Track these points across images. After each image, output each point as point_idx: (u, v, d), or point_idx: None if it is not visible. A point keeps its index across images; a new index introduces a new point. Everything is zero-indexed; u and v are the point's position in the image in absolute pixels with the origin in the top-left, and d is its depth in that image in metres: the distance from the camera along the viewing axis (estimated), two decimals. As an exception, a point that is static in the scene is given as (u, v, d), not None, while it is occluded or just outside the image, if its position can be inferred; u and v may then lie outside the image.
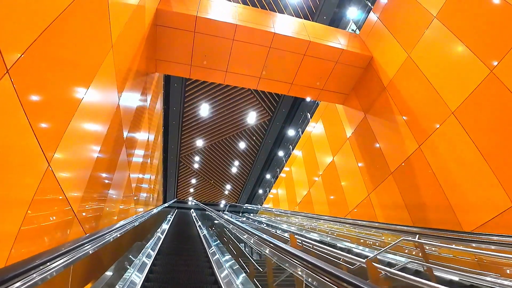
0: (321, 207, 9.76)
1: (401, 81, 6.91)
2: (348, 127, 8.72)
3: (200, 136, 17.91)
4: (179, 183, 23.67)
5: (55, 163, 2.43)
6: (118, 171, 5.00)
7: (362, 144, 8.02)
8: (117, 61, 3.97)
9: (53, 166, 2.41)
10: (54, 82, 2.38)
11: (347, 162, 8.67)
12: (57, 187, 2.53)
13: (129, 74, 4.94)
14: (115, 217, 4.93)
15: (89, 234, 2.48)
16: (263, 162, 20.25)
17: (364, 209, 7.49)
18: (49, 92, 2.33)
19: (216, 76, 7.85)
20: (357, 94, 8.54)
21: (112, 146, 4.27)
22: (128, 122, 5.30)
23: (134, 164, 6.79)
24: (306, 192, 11.05)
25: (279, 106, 15.25)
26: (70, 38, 2.53)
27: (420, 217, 5.89)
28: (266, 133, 17.50)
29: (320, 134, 10.73)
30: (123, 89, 4.53)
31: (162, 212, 12.06)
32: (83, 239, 2.07)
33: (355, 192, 8.00)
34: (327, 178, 9.64)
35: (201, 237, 7.98)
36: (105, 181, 4.17)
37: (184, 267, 4.33)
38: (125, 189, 5.74)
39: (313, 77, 8.25)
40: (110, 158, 4.24)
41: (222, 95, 14.79)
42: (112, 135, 4.13)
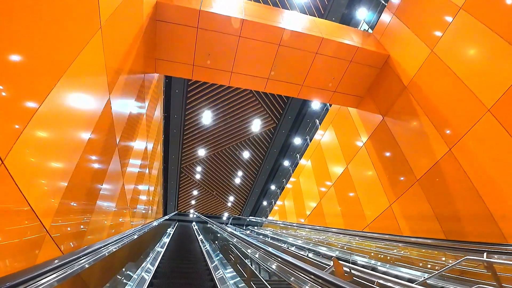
0: (334, 219, 9.06)
1: (424, 79, 6.33)
2: (364, 132, 8.10)
3: (202, 145, 17.32)
4: (180, 195, 22.96)
5: (11, 164, 1.82)
6: (109, 181, 4.39)
7: (381, 150, 7.38)
8: (108, 50, 3.40)
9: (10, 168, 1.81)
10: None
11: (363, 170, 8.02)
12: (17, 195, 1.92)
13: (123, 71, 4.38)
14: (105, 232, 4.29)
15: (60, 257, 1.86)
16: (268, 173, 19.58)
17: (386, 221, 6.79)
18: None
19: (220, 77, 7.30)
20: (373, 96, 7.96)
21: (99, 154, 3.67)
22: (122, 129, 4.73)
23: (130, 174, 6.19)
24: (317, 203, 10.35)
25: (285, 113, 14.70)
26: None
27: (454, 228, 5.20)
28: (271, 141, 16.90)
29: (331, 141, 10.11)
30: (115, 90, 3.96)
31: (161, 226, 11.36)
32: (41, 268, 1.44)
33: (374, 202, 7.32)
34: (340, 189, 8.97)
35: (203, 252, 7.29)
36: (92, 191, 3.55)
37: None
38: (119, 201, 5.11)
39: (325, 78, 7.69)
40: (97, 166, 3.64)
41: (226, 101, 14.27)
42: (99, 141, 3.54)
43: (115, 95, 3.96)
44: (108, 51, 3.40)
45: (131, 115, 5.58)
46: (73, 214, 2.95)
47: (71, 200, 2.79)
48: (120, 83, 4.19)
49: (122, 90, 4.45)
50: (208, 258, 6.07)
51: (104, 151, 3.90)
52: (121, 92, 4.39)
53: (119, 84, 4.16)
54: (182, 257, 7.38)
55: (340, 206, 8.76)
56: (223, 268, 5.74)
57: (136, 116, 6.07)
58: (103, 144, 3.84)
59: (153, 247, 7.33)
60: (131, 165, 6.25)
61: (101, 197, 3.80)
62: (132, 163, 6.37)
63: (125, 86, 4.65)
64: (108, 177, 4.16)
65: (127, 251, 4.70)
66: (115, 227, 5.03)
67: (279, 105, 14.40)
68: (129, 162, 5.90)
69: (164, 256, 6.88)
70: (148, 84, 6.90)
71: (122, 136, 4.69)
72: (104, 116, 3.69)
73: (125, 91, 4.76)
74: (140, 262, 5.37)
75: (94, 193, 3.62)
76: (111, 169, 4.37)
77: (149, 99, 7.35)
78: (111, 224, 4.69)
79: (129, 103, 5.16)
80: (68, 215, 2.78)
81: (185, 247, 9.50)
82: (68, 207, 2.76)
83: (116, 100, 4.16)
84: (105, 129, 3.76)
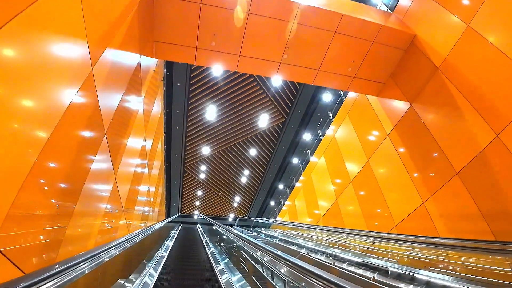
0: (353, 220, 8.34)
1: (460, 58, 5.61)
2: (387, 122, 7.37)
3: (206, 143, 16.65)
4: (183, 196, 22.33)
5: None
6: (95, 180, 3.74)
7: (409, 141, 6.66)
8: (88, 7, 2.73)
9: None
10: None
11: (388, 165, 7.29)
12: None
13: (111, 43, 3.70)
14: (92, 240, 3.63)
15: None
16: (275, 171, 18.87)
17: (418, 221, 6.07)
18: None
19: (227, 61, 6.60)
20: (398, 82, 7.24)
21: (77, 148, 3.01)
22: (113, 124, 4.08)
23: (125, 174, 5.54)
24: (333, 203, 9.64)
25: (294, 106, 13.97)
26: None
27: (507, 228, 4.48)
28: (279, 138, 16.19)
29: (348, 135, 9.39)
30: (100, 66, 3.29)
31: (164, 228, 10.73)
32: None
33: (403, 200, 6.60)
34: (360, 186, 8.24)
35: (212, 264, 6.63)
36: (68, 191, 2.88)
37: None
38: (110, 202, 4.45)
39: (344, 62, 6.97)
40: (73, 163, 2.96)
41: (231, 95, 13.58)
42: (75, 131, 2.88)
43: (100, 74, 3.29)
44: (88, 7, 2.73)
45: (123, 105, 4.92)
46: (35, 220, 2.27)
47: (28, 203, 2.11)
48: (107, 59, 3.52)
49: (110, 70, 3.79)
50: (219, 274, 5.39)
51: (85, 145, 3.24)
52: (109, 72, 3.72)
53: (106, 60, 3.49)
54: (186, 262, 6.73)
55: (360, 205, 8.03)
56: (231, 274, 5.06)
57: (130, 107, 5.41)
58: (85, 140, 3.18)
59: (155, 252, 6.68)
60: (127, 164, 5.61)
61: (83, 198, 3.12)
62: (128, 162, 5.73)
63: (114, 67, 3.98)
64: (93, 176, 3.49)
65: (120, 261, 4.04)
66: (105, 233, 4.37)
67: (288, 98, 13.68)
68: (126, 161, 5.26)
69: (167, 262, 6.22)
70: (145, 75, 6.23)
71: (111, 128, 4.02)
72: (89, 106, 3.03)
73: (114, 73, 4.10)
74: (140, 270, 4.71)
75: (71, 194, 2.95)
76: (98, 168, 3.72)
77: (146, 90, 6.66)
78: (101, 229, 4.02)
79: (120, 87, 4.49)
80: (25, 222, 2.09)
81: (189, 251, 8.86)
82: (25, 211, 2.08)
83: (104, 93, 3.49)
84: (85, 116, 3.09)
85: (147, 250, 6.08)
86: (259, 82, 12.98)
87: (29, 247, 2.12)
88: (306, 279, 2.63)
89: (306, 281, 2.63)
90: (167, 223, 12.96)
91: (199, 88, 13.00)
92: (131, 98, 5.25)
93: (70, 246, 2.82)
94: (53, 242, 2.53)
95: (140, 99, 6.07)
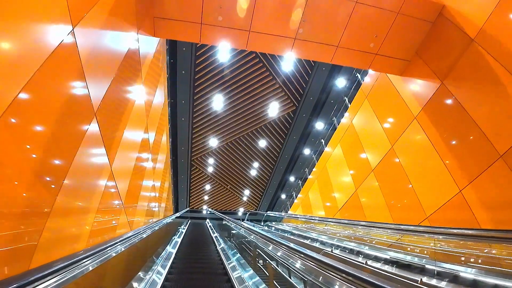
0: (376, 212, 7.79)
1: (500, 26, 4.98)
2: (414, 103, 6.77)
3: (214, 135, 16.17)
4: (191, 190, 21.99)
5: None
6: (84, 171, 3.27)
7: (441, 122, 6.05)
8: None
9: None
10: None
11: (416, 150, 6.71)
12: None
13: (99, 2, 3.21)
14: (82, 242, 3.16)
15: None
16: (286, 163, 18.34)
17: (454, 211, 5.50)
18: None
19: (235, 38, 6.04)
20: (425, 58, 6.61)
21: (58, 131, 2.53)
22: (108, 115, 3.61)
23: (124, 168, 5.08)
24: (351, 194, 9.09)
25: (306, 93, 13.37)
26: None
27: None
28: (290, 127, 15.62)
29: (368, 120, 8.79)
30: (85, 25, 2.80)
31: (171, 224, 10.33)
32: None
33: (435, 189, 6.02)
34: (383, 175, 7.67)
35: (224, 265, 6.18)
36: (43, 183, 2.41)
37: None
38: (106, 198, 3.98)
39: (366, 36, 6.36)
40: (55, 148, 2.49)
41: (239, 82, 13.02)
42: (55, 125, 2.40)
43: (92, 79, 2.79)
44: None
45: (121, 97, 4.45)
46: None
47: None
48: (93, 18, 3.01)
49: (97, 45, 3.29)
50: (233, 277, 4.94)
51: (69, 128, 2.76)
52: (94, 48, 3.22)
53: (92, 18, 2.99)
54: (195, 263, 6.31)
55: (384, 196, 7.47)
56: (243, 271, 4.60)
57: (125, 94, 4.93)
58: (69, 131, 2.70)
59: (161, 251, 6.26)
60: (125, 157, 5.15)
61: (63, 195, 2.62)
62: (126, 155, 5.27)
63: (102, 43, 3.48)
64: (80, 166, 3.01)
65: (125, 257, 3.60)
66: (101, 233, 3.91)
67: (299, 84, 13.07)
68: (122, 153, 4.79)
69: (176, 260, 5.80)
70: (144, 59, 5.73)
71: (102, 113, 3.53)
72: (62, 62, 2.53)
73: (103, 51, 3.60)
74: (145, 270, 4.28)
75: (49, 185, 2.47)
76: (87, 158, 3.25)
77: (146, 77, 6.12)
78: (94, 229, 3.55)
79: (112, 67, 4.00)
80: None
81: (199, 251, 8.46)
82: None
83: (94, 81, 3.00)
84: (61, 112, 2.60)
85: (152, 249, 5.65)
86: (268, 67, 12.39)
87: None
88: (339, 281, 2.15)
89: (338, 283, 2.16)
90: (175, 218, 12.59)
91: (205, 76, 12.47)
92: (126, 83, 4.77)
93: (47, 252, 2.34)
94: (23, 248, 2.05)
95: (138, 86, 5.56)
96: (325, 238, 7.98)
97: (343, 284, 2.07)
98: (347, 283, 2.00)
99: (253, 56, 11.85)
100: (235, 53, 11.65)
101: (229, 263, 6.09)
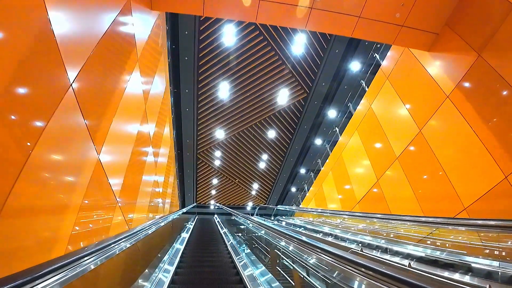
0: (403, 204, 7.19)
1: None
2: (446, 80, 6.11)
3: (220, 126, 15.62)
4: (198, 185, 21.57)
5: None
6: (54, 160, 2.75)
7: (480, 100, 5.40)
8: None
9: None
10: None
11: (449, 132, 6.07)
12: None
13: None
14: (56, 250, 2.63)
15: None
16: (297, 154, 17.75)
17: (498, 201, 4.88)
18: None
19: (243, 8, 5.42)
20: (457, 30, 5.94)
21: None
22: (96, 104, 3.08)
23: (117, 162, 4.56)
24: (372, 185, 8.49)
25: (318, 79, 12.71)
26: None
27: None
28: (301, 116, 15.00)
29: (390, 103, 8.14)
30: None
31: (178, 221, 9.87)
32: None
33: (474, 176, 5.40)
34: (410, 163, 7.05)
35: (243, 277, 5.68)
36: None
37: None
38: (90, 196, 3.45)
39: (391, 5, 5.72)
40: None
41: (246, 68, 12.41)
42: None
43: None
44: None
45: (115, 88, 3.91)
46: None
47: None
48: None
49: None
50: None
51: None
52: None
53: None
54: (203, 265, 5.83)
55: (412, 185, 6.86)
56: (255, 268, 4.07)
57: (113, 80, 4.38)
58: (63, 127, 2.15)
59: (168, 248, 5.77)
60: (118, 149, 4.63)
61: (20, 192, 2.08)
62: (120, 146, 4.75)
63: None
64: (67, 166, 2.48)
65: (122, 260, 3.10)
66: (86, 236, 3.39)
67: (311, 69, 12.41)
68: (114, 144, 4.27)
69: (183, 259, 5.31)
70: (139, 40, 5.16)
71: (100, 115, 2.99)
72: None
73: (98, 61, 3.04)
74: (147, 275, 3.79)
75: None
76: (58, 140, 2.72)
77: (140, 60, 5.51)
78: (76, 232, 3.01)
79: (107, 71, 3.44)
80: None
81: (207, 247, 7.98)
82: None
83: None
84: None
85: (157, 249, 5.17)
86: (277, 51, 11.75)
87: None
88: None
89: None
90: (181, 214, 12.13)
91: (210, 62, 11.89)
92: (113, 66, 4.22)
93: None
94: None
95: (132, 71, 4.99)
96: (345, 234, 7.41)
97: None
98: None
99: (261, 39, 11.22)
100: (242, 36, 11.03)
101: (239, 261, 5.61)
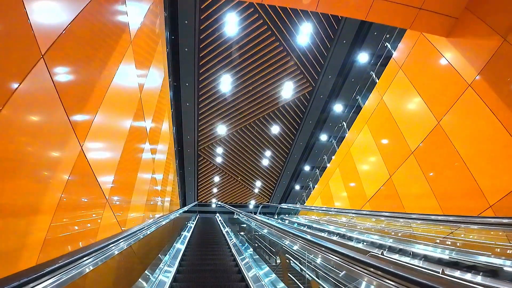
0: (419, 202, 6.81)
1: None
2: (467, 68, 5.70)
3: (222, 121, 15.24)
4: (199, 183, 21.22)
5: None
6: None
7: (507, 88, 5.01)
8: None
9: None
10: None
11: (471, 123, 5.66)
12: None
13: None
14: (24, 259, 2.27)
15: None
16: (301, 151, 17.37)
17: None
18: None
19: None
20: (479, 13, 5.53)
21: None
22: (76, 89, 2.70)
23: (105, 158, 4.19)
24: (384, 182, 8.10)
25: (324, 71, 12.30)
26: None
27: None
28: (305, 111, 14.61)
29: (404, 94, 7.73)
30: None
31: (178, 220, 9.52)
32: None
33: (500, 169, 5.01)
34: (427, 157, 6.65)
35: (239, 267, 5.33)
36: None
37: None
38: (70, 194, 3.06)
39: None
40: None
41: (248, 60, 12.00)
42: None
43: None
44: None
45: (103, 80, 3.54)
46: None
47: None
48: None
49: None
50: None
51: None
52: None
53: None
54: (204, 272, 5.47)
55: (429, 181, 6.47)
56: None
57: (106, 70, 4.01)
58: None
59: (168, 249, 5.41)
60: (111, 149, 4.27)
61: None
62: (113, 147, 4.38)
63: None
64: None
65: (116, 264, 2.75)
66: (66, 241, 3.02)
67: (317, 60, 12.00)
68: (104, 139, 3.91)
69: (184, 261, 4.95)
70: (140, 34, 4.77)
71: (89, 109, 2.61)
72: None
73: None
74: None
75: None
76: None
77: (133, 48, 5.10)
78: (52, 236, 2.63)
79: (94, 62, 3.06)
80: None
81: (209, 251, 7.64)
82: None
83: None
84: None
85: (155, 250, 4.81)
86: (282, 41, 11.33)
87: None
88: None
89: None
90: (182, 213, 11.79)
91: (211, 53, 11.49)
92: (95, 52, 3.84)
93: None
94: None
95: (126, 62, 4.60)
96: (362, 235, 7.04)
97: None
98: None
99: (265, 29, 10.81)
100: (244, 25, 10.62)
101: (243, 261, 5.26)
